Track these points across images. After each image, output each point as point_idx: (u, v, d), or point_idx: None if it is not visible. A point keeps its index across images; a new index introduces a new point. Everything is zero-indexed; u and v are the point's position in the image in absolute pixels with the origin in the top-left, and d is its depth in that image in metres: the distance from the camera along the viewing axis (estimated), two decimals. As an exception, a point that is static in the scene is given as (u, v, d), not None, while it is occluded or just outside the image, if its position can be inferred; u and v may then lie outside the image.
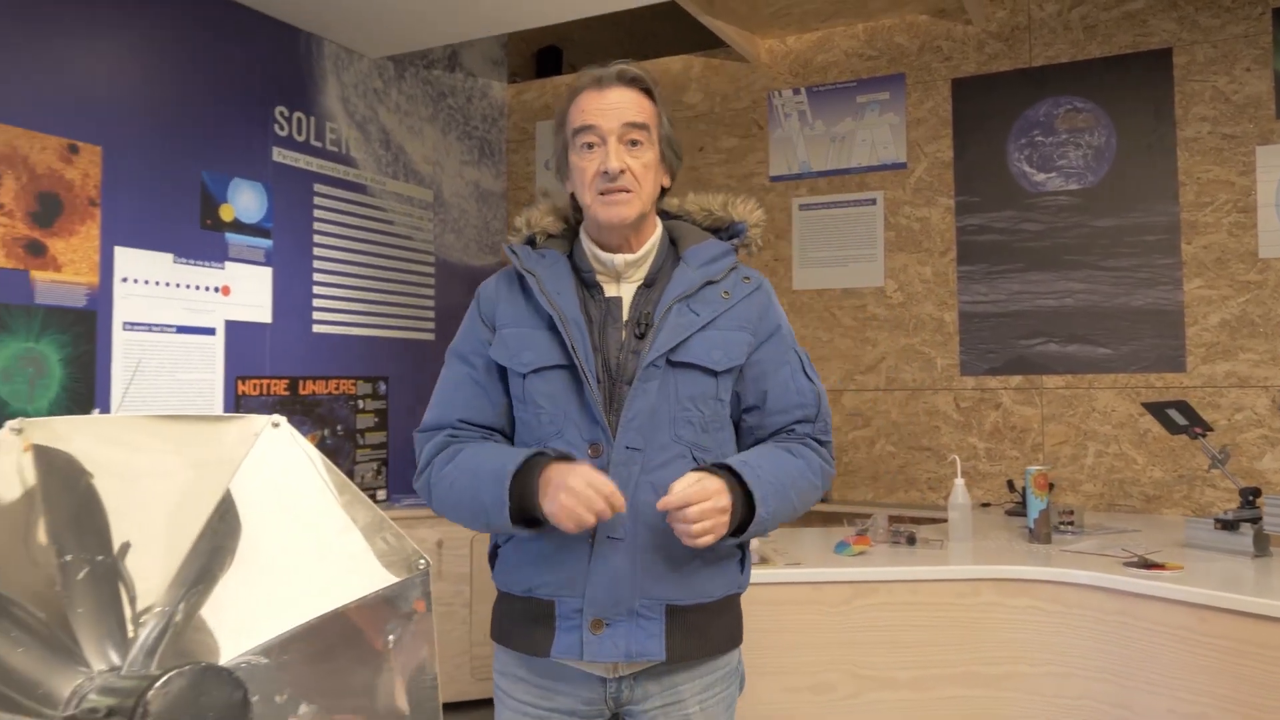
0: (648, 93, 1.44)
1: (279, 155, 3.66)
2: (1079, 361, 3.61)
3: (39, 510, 0.70)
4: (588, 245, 1.47)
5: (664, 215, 1.52)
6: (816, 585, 2.53)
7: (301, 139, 3.75)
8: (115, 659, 0.72)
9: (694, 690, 1.41)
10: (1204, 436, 2.76)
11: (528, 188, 4.78)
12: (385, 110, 4.15)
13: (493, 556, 1.48)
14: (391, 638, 0.84)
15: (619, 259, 1.43)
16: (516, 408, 1.43)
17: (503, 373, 1.44)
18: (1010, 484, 3.41)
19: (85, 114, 3.00)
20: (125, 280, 3.10)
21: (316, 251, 3.81)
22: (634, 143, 1.40)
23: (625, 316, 1.43)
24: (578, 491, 1.24)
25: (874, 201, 3.97)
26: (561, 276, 1.45)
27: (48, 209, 2.89)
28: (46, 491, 0.70)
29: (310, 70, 3.81)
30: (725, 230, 1.54)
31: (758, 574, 2.53)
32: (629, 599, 1.35)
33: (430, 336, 4.32)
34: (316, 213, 3.81)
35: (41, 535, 0.70)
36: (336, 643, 0.81)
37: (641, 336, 1.40)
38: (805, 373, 1.50)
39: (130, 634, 0.73)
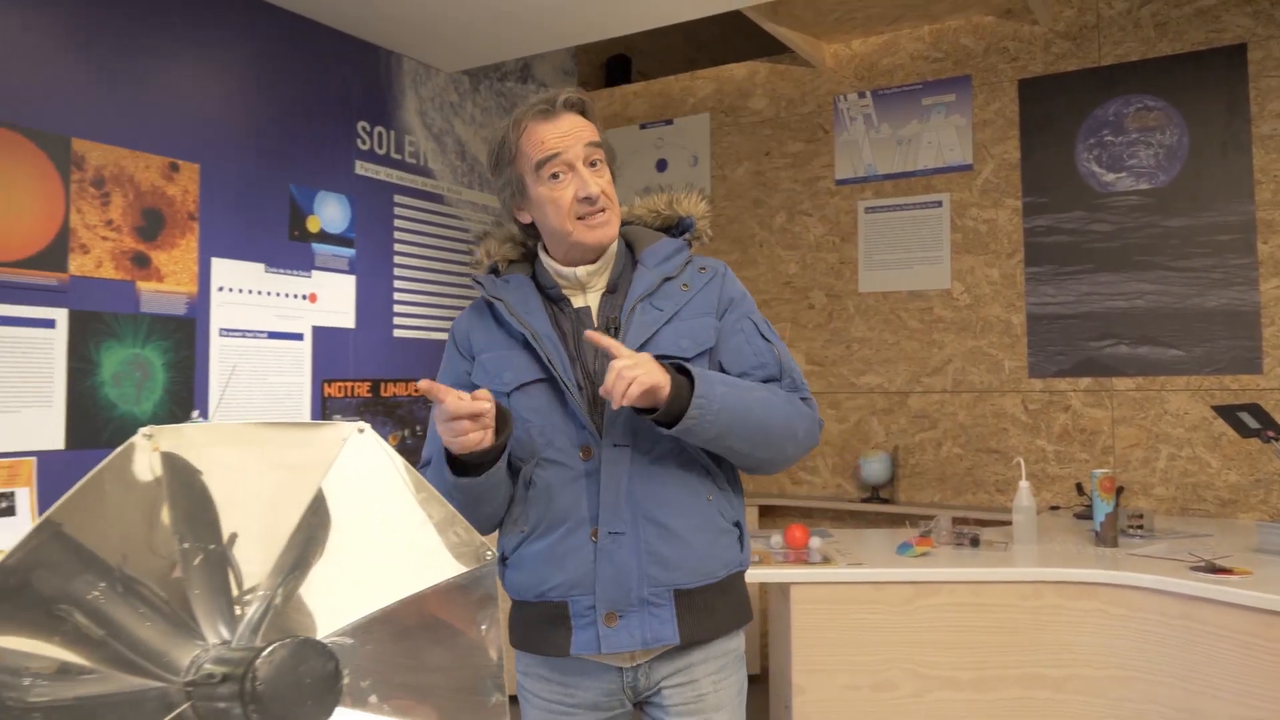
0: (591, 113, 1.49)
1: (361, 168, 3.84)
2: (1150, 363, 3.56)
3: (163, 505, 0.81)
4: (549, 263, 1.51)
5: None
6: (878, 585, 2.57)
7: (382, 152, 3.93)
8: (225, 634, 0.82)
9: (707, 671, 1.46)
10: (1277, 440, 2.72)
11: (598, 194, 4.89)
12: (460, 122, 4.31)
13: (502, 566, 1.51)
14: (461, 622, 0.94)
15: (580, 270, 1.48)
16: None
17: None
18: (1079, 487, 3.39)
19: (185, 134, 3.21)
20: (221, 289, 3.30)
21: (396, 259, 3.98)
22: (594, 163, 1.45)
23: (595, 323, 1.48)
24: (443, 431, 1.31)
25: (940, 204, 3.97)
26: (528, 297, 1.50)
27: (151, 224, 3.10)
28: (170, 489, 0.81)
29: (390, 86, 3.99)
30: (675, 227, 1.60)
31: (819, 573, 2.59)
32: (638, 589, 1.39)
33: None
34: (396, 222, 3.99)
35: (165, 527, 0.82)
36: (413, 625, 0.91)
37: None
38: (762, 334, 1.53)
39: (237, 613, 0.84)
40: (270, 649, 0.74)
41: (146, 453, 0.79)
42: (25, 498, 2.68)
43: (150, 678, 0.77)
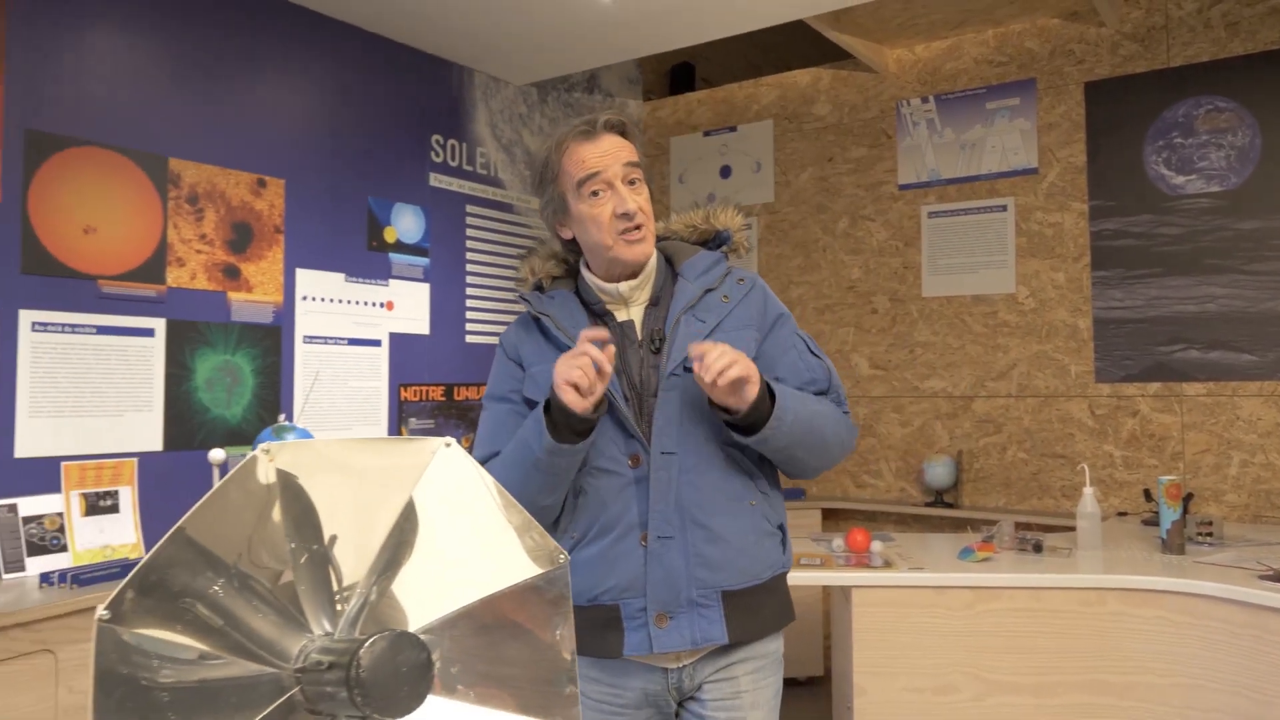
0: (632, 134, 1.54)
1: (435, 180, 3.99)
2: (1221, 368, 3.51)
3: (274, 511, 0.92)
4: (590, 279, 1.56)
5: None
6: (939, 589, 2.60)
7: (455, 164, 4.07)
8: (328, 626, 0.92)
9: (746, 671, 1.51)
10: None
11: (663, 200, 4.98)
12: (529, 133, 4.44)
13: None
14: (537, 618, 1.03)
15: (623, 286, 1.53)
16: None
17: None
18: (1147, 493, 3.36)
19: (271, 151, 3.39)
20: (305, 298, 3.47)
21: (469, 267, 4.12)
22: (633, 181, 1.50)
23: (639, 336, 1.53)
24: (564, 361, 1.35)
25: (1004, 208, 3.96)
26: (573, 312, 1.55)
27: (241, 237, 3.28)
28: (280, 497, 0.92)
29: (462, 100, 4.13)
30: (712, 240, 1.65)
31: (880, 577, 2.63)
32: (686, 590, 1.44)
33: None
34: (468, 231, 4.13)
35: (275, 530, 0.92)
36: (493, 622, 1.01)
37: (657, 351, 1.50)
38: (813, 352, 1.59)
39: (338, 608, 0.94)
40: (372, 640, 0.83)
41: (264, 466, 0.90)
42: (127, 496, 2.86)
43: (263, 664, 0.86)
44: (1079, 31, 3.85)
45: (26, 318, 2.70)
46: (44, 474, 2.71)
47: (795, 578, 2.69)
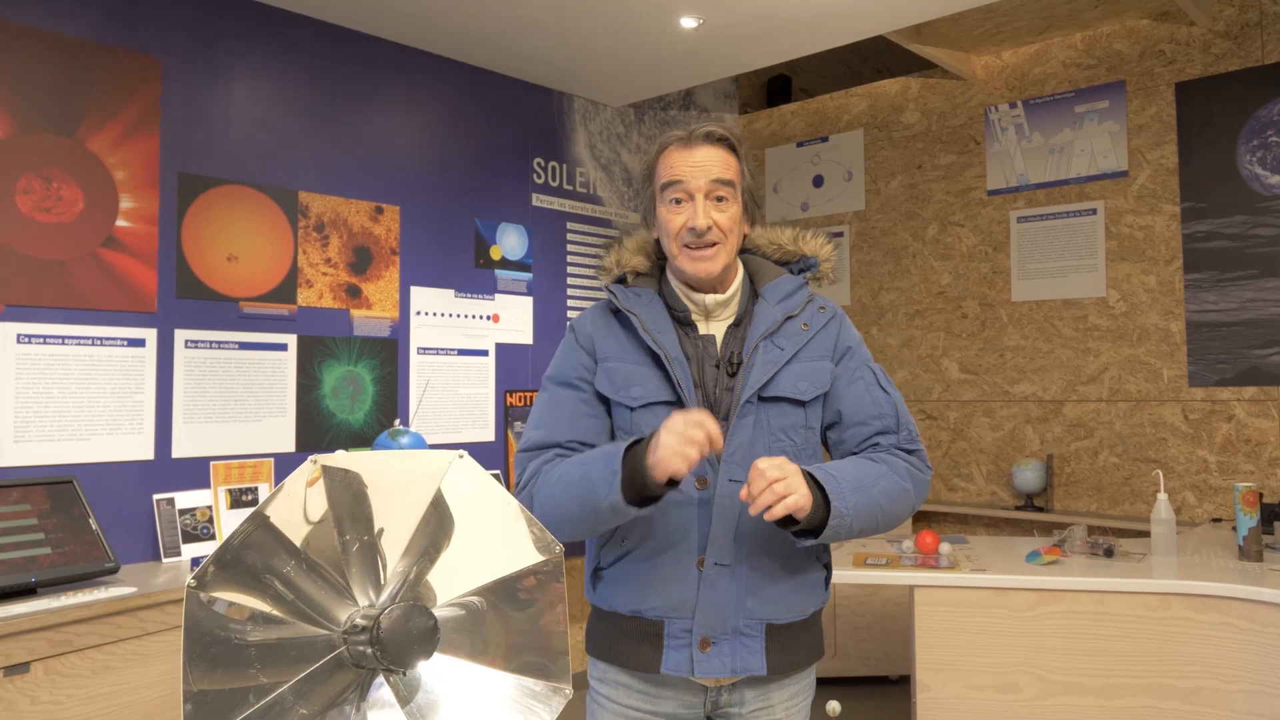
0: (733, 150, 1.50)
1: (537, 200, 4.28)
2: (1319, 372, 3.41)
3: (329, 508, 1.17)
4: (678, 286, 1.53)
5: None
6: (1000, 590, 2.67)
7: (555, 184, 4.36)
8: (372, 598, 1.17)
9: (783, 697, 1.51)
10: None
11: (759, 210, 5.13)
12: (626, 151, 4.69)
13: (594, 576, 1.53)
14: (537, 598, 1.25)
15: (710, 299, 1.50)
16: (620, 438, 1.47)
17: (605, 401, 1.51)
18: (1238, 499, 3.30)
19: (387, 181, 3.75)
20: (418, 313, 3.82)
21: (569, 280, 4.40)
22: (720, 198, 1.47)
23: (718, 354, 1.49)
24: (676, 428, 1.28)
25: (1094, 211, 3.94)
26: (659, 316, 1.50)
27: (361, 259, 3.65)
28: (333, 496, 1.18)
29: (562, 124, 4.42)
30: (795, 263, 1.60)
31: (940, 577, 2.72)
32: (734, 620, 1.43)
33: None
34: (569, 247, 4.41)
35: (330, 522, 1.17)
36: (503, 598, 1.24)
37: (733, 374, 1.47)
38: (880, 385, 1.53)
39: (382, 584, 1.19)
40: (390, 610, 1.07)
41: (314, 470, 1.16)
42: (265, 492, 3.27)
43: (321, 628, 1.11)
44: (1169, 31, 3.79)
45: (181, 336, 3.13)
46: (196, 472, 3.13)
47: (857, 576, 2.82)
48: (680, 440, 1.27)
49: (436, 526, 1.24)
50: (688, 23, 3.51)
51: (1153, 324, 3.81)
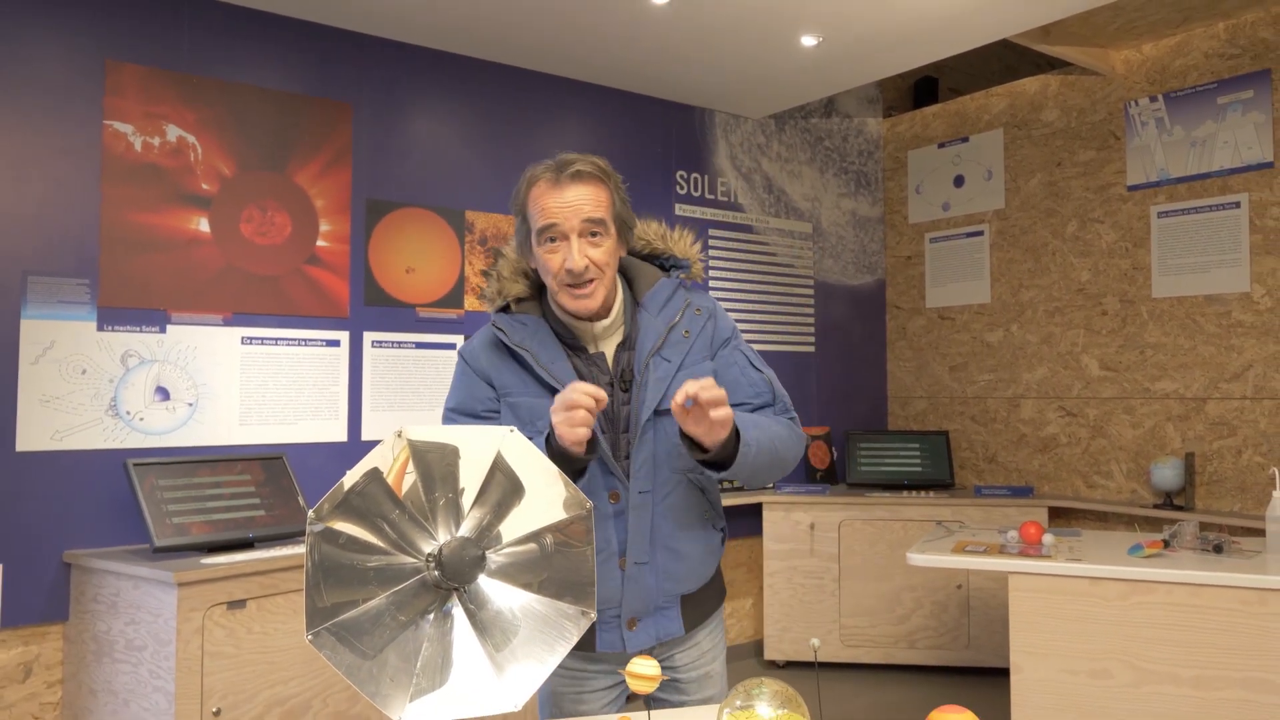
0: (601, 181, 1.54)
1: (680, 209, 4.63)
2: None
3: (416, 471, 1.56)
4: (563, 315, 1.59)
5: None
6: (1093, 580, 2.75)
7: (697, 194, 4.69)
8: (450, 536, 1.55)
9: (706, 634, 1.74)
10: None
11: (902, 210, 5.24)
12: (767, 160, 4.95)
13: None
14: (572, 543, 1.59)
15: (597, 326, 1.59)
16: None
17: None
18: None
19: (542, 199, 4.21)
20: (569, 316, 4.27)
21: (712, 284, 4.72)
22: (594, 234, 1.51)
23: (611, 371, 1.59)
24: (558, 409, 1.41)
25: (1238, 204, 3.82)
26: (549, 345, 1.58)
27: (519, 269, 4.14)
28: (419, 460, 1.56)
29: (704, 138, 4.74)
30: (666, 259, 1.68)
31: (1033, 565, 2.83)
32: (655, 600, 1.62)
33: (810, 349, 5.02)
34: (711, 252, 4.73)
35: (419, 482, 1.56)
36: (547, 541, 1.57)
37: (626, 389, 1.58)
38: (755, 366, 1.66)
39: (457, 529, 1.57)
40: (448, 541, 1.45)
41: (403, 440, 1.56)
42: (436, 469, 3.80)
43: (411, 557, 1.49)
44: (1318, 16, 3.64)
45: (369, 338, 3.71)
46: (379, 451, 3.70)
47: (952, 562, 2.98)
48: (567, 420, 1.42)
49: (499, 486, 1.59)
50: (808, 41, 3.74)
51: (1300, 320, 3.68)
